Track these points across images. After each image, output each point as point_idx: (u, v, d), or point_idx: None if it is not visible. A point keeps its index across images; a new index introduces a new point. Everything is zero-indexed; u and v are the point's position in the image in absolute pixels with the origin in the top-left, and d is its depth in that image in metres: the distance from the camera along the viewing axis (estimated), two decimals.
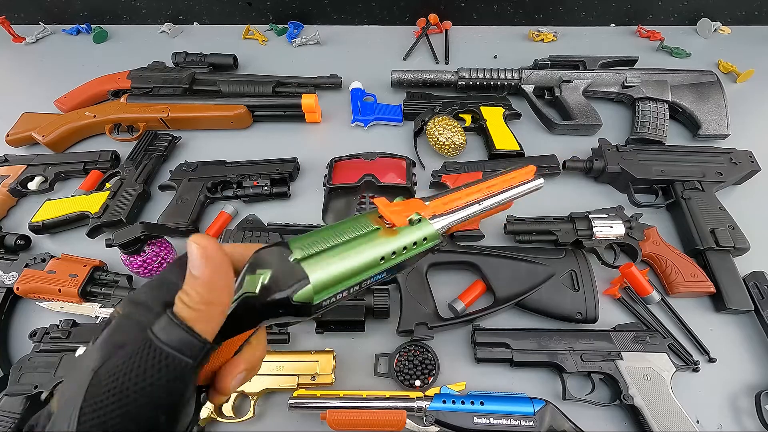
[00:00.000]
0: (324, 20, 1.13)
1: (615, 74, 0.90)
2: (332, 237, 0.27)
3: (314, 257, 0.25)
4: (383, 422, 0.55)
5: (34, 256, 0.70)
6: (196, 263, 0.22)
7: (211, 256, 0.22)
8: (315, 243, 0.26)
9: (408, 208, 0.31)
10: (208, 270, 0.22)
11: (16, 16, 1.14)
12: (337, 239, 0.27)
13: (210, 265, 0.22)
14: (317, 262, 0.25)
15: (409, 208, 0.31)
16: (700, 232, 0.70)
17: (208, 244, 0.22)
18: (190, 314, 0.21)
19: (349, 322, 0.63)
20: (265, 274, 0.24)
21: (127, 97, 0.91)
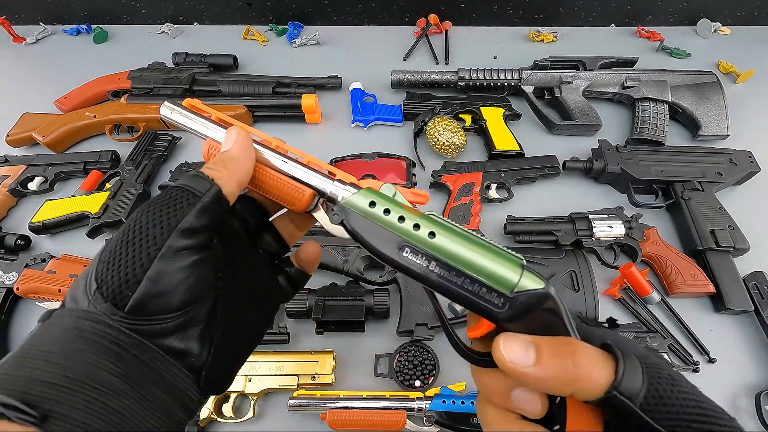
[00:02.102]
0: (324, 20, 1.13)
1: (615, 75, 0.90)
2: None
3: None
4: (383, 422, 0.55)
5: (34, 257, 0.70)
6: (228, 141, 0.27)
7: (241, 137, 0.27)
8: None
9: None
10: (237, 147, 0.27)
11: (16, 16, 1.14)
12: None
13: (239, 143, 0.27)
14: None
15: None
16: (700, 232, 0.70)
17: (241, 134, 0.28)
18: (214, 174, 0.25)
19: (349, 323, 0.63)
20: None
21: (128, 98, 0.91)
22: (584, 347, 0.21)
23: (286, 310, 0.63)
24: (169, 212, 0.23)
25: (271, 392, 0.61)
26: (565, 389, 0.20)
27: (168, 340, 0.23)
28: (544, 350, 0.20)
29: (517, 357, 0.20)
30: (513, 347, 0.21)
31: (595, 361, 0.20)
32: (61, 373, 0.20)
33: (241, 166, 0.27)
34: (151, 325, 0.22)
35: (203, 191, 0.24)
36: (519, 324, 0.22)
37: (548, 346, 0.21)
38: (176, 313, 0.23)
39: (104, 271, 0.22)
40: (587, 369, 0.20)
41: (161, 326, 0.22)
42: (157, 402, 0.22)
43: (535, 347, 0.21)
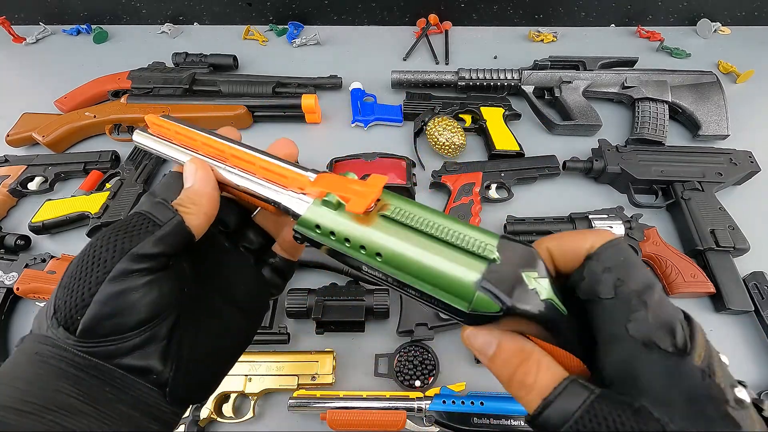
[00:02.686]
0: (324, 20, 1.13)
1: (615, 75, 0.90)
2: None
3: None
4: (383, 423, 0.55)
5: (34, 257, 0.70)
6: (189, 176, 0.27)
7: (200, 170, 0.27)
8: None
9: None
10: (198, 182, 0.27)
11: (16, 16, 1.14)
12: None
13: (199, 178, 0.27)
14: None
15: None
16: (700, 232, 0.70)
17: (200, 165, 0.28)
18: (181, 209, 0.25)
19: (349, 323, 0.63)
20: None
21: (128, 98, 0.91)
22: (534, 364, 0.21)
23: (286, 310, 0.63)
24: (125, 237, 0.23)
25: (271, 392, 0.61)
26: (510, 392, 0.22)
27: (126, 359, 0.23)
28: (501, 353, 0.22)
29: (478, 346, 0.22)
30: (477, 338, 0.22)
31: (534, 384, 0.20)
32: (21, 398, 0.20)
33: (207, 200, 0.26)
34: (105, 346, 0.22)
35: (164, 221, 0.24)
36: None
37: (504, 351, 0.21)
38: (132, 333, 0.23)
39: (60, 296, 0.22)
40: (524, 388, 0.20)
41: (117, 347, 0.22)
42: (123, 418, 0.22)
43: (496, 346, 0.22)
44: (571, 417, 0.18)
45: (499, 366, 0.22)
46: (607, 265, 0.20)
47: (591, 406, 0.18)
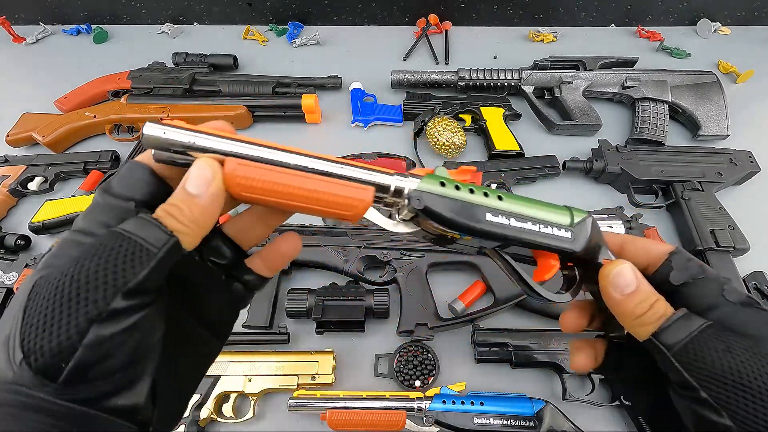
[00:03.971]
0: (324, 20, 1.13)
1: (615, 75, 0.90)
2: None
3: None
4: (383, 423, 0.55)
5: (34, 257, 0.70)
6: (200, 184, 0.21)
7: (217, 180, 0.22)
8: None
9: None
10: (209, 196, 0.21)
11: (16, 16, 1.14)
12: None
13: (212, 192, 0.21)
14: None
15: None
16: (700, 232, 0.70)
17: (218, 171, 0.22)
18: (176, 227, 0.21)
19: (349, 323, 0.63)
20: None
21: (128, 98, 0.91)
22: (662, 301, 0.25)
23: (286, 310, 0.63)
24: (116, 271, 0.19)
25: (271, 392, 0.61)
26: (628, 323, 0.26)
27: (113, 400, 0.20)
28: (642, 289, 0.25)
29: (626, 281, 0.26)
30: (626, 274, 0.26)
31: (665, 312, 0.25)
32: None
33: (211, 220, 0.22)
34: (90, 391, 0.19)
35: (159, 246, 0.20)
36: (583, 251, 0.28)
37: (644, 289, 0.26)
38: (119, 374, 0.20)
39: (32, 337, 0.18)
40: (647, 318, 0.25)
41: (103, 391, 0.20)
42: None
43: (638, 282, 0.26)
44: (695, 330, 0.23)
45: (634, 302, 0.25)
46: (688, 257, 0.27)
47: (707, 328, 0.23)
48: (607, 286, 0.26)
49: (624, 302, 0.25)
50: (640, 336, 0.25)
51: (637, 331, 0.25)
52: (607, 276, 0.26)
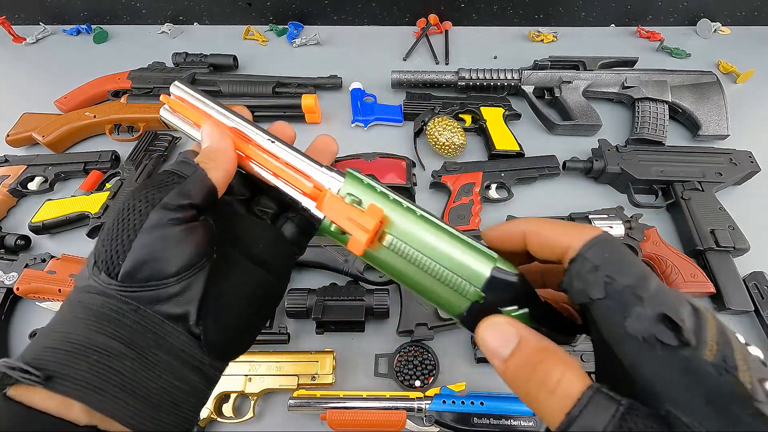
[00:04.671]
0: (324, 20, 1.13)
1: (615, 75, 0.90)
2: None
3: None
4: (383, 423, 0.55)
5: (34, 257, 0.70)
6: (205, 137, 0.28)
7: (216, 130, 0.29)
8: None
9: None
10: (214, 140, 0.28)
11: (16, 16, 1.14)
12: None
13: (215, 136, 0.28)
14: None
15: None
16: (700, 232, 0.70)
17: (213, 122, 0.29)
18: (201, 162, 0.27)
19: (349, 322, 0.63)
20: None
21: (128, 98, 0.91)
22: (560, 363, 0.18)
23: (286, 310, 0.63)
24: (154, 191, 0.25)
25: (271, 392, 0.61)
26: (528, 400, 0.19)
27: (165, 305, 0.24)
28: (521, 352, 0.20)
29: (496, 344, 0.20)
30: (495, 334, 0.21)
31: (557, 386, 0.18)
32: (65, 339, 0.22)
33: (223, 156, 0.27)
34: (145, 291, 0.23)
35: (189, 174, 0.26)
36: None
37: (526, 348, 0.20)
38: (171, 279, 0.24)
39: (100, 246, 0.24)
40: (544, 390, 0.18)
41: (156, 292, 0.23)
42: (162, 364, 0.23)
43: (517, 343, 0.20)
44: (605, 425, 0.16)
45: (517, 367, 0.19)
46: (593, 264, 0.19)
47: (621, 422, 0.16)
48: (484, 351, 0.21)
49: (509, 371, 0.20)
50: (549, 420, 0.18)
51: (543, 412, 0.18)
52: (482, 338, 0.21)
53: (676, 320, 0.17)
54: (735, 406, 0.15)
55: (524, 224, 0.23)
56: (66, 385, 0.20)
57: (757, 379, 0.16)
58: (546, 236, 0.22)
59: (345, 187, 0.26)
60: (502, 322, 0.21)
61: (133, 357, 0.22)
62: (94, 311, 0.23)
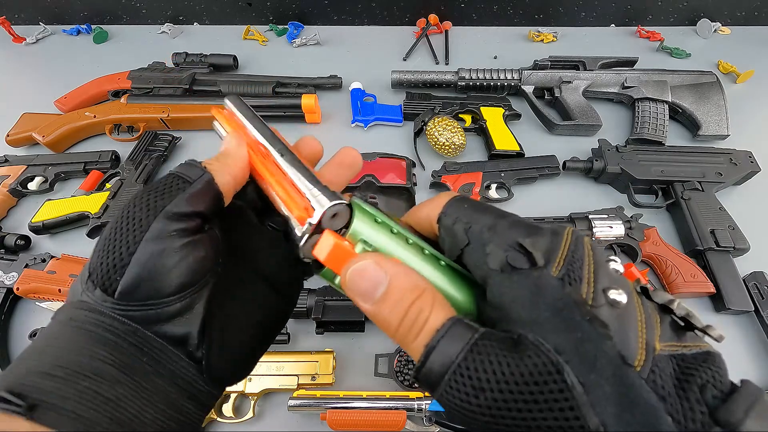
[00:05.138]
0: (324, 20, 1.13)
1: (615, 75, 0.90)
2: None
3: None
4: (383, 423, 0.55)
5: (34, 256, 0.70)
6: (222, 144, 0.28)
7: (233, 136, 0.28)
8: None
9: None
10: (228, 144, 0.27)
11: (16, 16, 1.14)
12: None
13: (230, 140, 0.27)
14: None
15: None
16: (700, 232, 0.70)
17: (233, 128, 0.29)
18: (209, 166, 0.25)
19: (349, 322, 0.63)
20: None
21: (128, 98, 0.91)
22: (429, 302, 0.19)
23: None
24: (157, 196, 0.22)
25: (271, 392, 0.61)
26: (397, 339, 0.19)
27: (166, 326, 0.22)
28: (392, 293, 0.19)
29: (365, 287, 0.19)
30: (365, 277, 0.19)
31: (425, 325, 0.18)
32: (53, 363, 0.19)
33: (234, 160, 0.26)
34: (144, 310, 0.21)
35: (194, 177, 0.24)
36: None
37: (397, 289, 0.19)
38: (172, 298, 0.22)
39: (96, 259, 0.22)
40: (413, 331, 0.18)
41: (156, 311, 0.21)
42: (159, 392, 0.21)
43: (388, 284, 0.19)
44: (453, 362, 0.17)
45: (388, 308, 0.19)
46: (455, 217, 0.21)
47: (473, 348, 0.17)
48: (352, 297, 0.20)
49: (380, 314, 0.19)
50: (415, 357, 0.19)
51: (411, 351, 0.19)
52: (350, 280, 0.19)
53: (525, 245, 0.18)
54: (575, 313, 0.16)
55: (405, 216, 0.25)
56: (51, 416, 0.18)
57: (601, 289, 0.17)
58: (417, 214, 0.23)
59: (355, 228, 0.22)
60: (370, 265, 0.19)
61: (128, 384, 0.20)
62: (86, 331, 0.21)
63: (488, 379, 0.16)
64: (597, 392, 0.15)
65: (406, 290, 0.19)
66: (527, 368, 0.16)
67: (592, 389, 0.15)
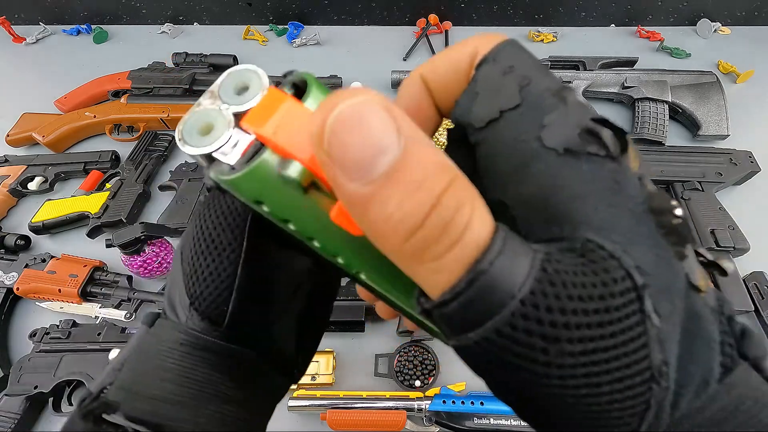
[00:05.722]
0: (324, 21, 1.13)
1: (615, 75, 0.90)
2: None
3: None
4: (383, 423, 0.55)
5: (34, 256, 0.70)
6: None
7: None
8: None
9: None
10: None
11: (16, 16, 1.14)
12: None
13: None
14: None
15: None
16: (700, 232, 0.70)
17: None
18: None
19: (349, 322, 0.63)
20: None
21: (127, 98, 0.91)
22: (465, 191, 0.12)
23: None
24: (228, 218, 0.19)
25: None
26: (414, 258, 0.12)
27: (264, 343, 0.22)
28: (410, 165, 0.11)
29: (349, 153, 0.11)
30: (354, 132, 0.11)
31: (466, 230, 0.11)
32: (174, 390, 0.19)
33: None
34: (252, 335, 0.21)
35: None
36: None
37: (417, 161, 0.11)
38: (274, 315, 0.21)
39: (192, 285, 0.20)
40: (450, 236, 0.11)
41: (263, 333, 0.21)
42: (265, 407, 0.23)
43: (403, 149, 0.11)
44: (520, 288, 0.11)
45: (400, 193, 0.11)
46: (507, 65, 0.14)
47: (545, 266, 0.12)
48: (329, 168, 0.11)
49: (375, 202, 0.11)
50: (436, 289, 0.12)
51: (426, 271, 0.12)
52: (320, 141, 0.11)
53: (601, 130, 0.13)
54: (658, 221, 0.13)
55: (417, 70, 0.17)
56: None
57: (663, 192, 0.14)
58: (444, 57, 0.16)
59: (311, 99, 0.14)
60: (373, 110, 0.11)
61: (242, 400, 0.21)
62: (202, 360, 0.20)
63: (568, 308, 0.11)
64: (668, 322, 0.12)
65: (432, 168, 0.11)
66: (607, 289, 0.12)
67: (664, 318, 0.12)
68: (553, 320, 0.11)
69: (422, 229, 0.11)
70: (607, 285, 0.12)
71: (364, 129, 0.11)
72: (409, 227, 0.11)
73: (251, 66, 0.15)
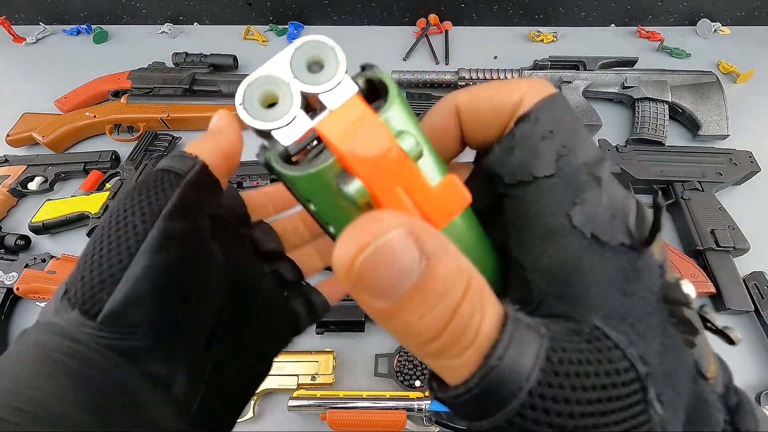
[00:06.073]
0: (324, 20, 1.13)
1: (615, 75, 0.90)
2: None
3: None
4: (383, 423, 0.55)
5: (34, 257, 0.70)
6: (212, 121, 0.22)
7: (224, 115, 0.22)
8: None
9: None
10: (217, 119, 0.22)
11: (16, 16, 1.14)
12: None
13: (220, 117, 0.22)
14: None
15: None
16: (700, 232, 0.70)
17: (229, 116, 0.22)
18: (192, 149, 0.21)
19: (348, 322, 0.63)
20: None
21: (127, 98, 0.91)
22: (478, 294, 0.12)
23: None
24: (149, 196, 0.18)
25: (271, 392, 0.61)
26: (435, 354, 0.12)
27: (149, 362, 0.17)
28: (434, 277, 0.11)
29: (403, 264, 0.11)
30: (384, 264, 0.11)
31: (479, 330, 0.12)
32: (10, 404, 0.14)
33: (223, 137, 0.21)
34: (132, 340, 0.17)
35: (186, 169, 0.19)
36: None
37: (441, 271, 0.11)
38: (162, 329, 0.17)
39: (77, 273, 0.17)
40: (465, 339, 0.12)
41: (142, 344, 0.17)
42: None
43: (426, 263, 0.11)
44: (527, 379, 0.12)
45: (423, 308, 0.11)
46: (547, 129, 0.14)
47: (550, 355, 0.12)
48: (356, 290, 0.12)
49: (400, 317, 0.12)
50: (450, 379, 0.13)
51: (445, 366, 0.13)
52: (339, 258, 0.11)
53: (629, 216, 0.14)
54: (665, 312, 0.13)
55: (455, 96, 0.17)
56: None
57: (675, 280, 0.14)
58: (487, 96, 0.16)
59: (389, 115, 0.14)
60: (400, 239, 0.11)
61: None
62: (56, 363, 0.16)
63: (572, 398, 0.12)
64: (671, 409, 0.13)
65: (451, 278, 0.11)
66: (610, 379, 0.12)
67: (667, 405, 0.13)
68: (560, 410, 0.12)
69: (440, 338, 0.12)
70: (610, 375, 0.12)
71: (391, 261, 0.11)
72: (428, 337, 0.12)
73: (330, 41, 0.15)
